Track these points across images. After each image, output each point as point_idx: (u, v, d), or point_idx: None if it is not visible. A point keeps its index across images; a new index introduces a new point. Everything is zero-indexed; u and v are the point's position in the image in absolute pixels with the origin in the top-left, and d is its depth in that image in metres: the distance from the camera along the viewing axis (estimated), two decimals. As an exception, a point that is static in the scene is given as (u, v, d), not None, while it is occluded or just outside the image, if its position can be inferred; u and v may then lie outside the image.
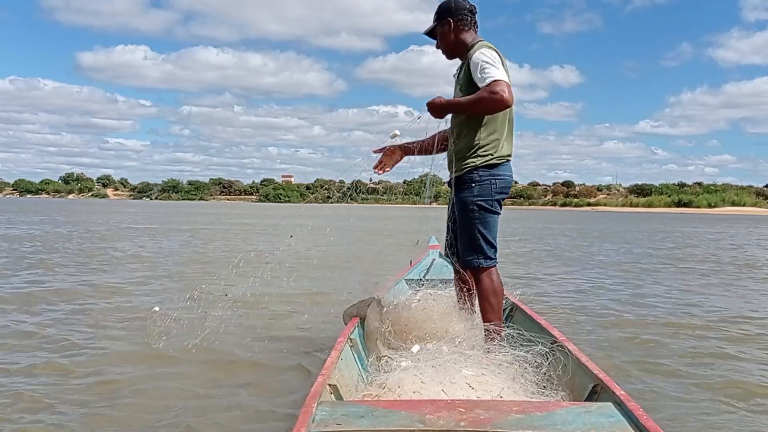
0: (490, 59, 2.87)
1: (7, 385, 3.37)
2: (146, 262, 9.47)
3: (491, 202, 3.04)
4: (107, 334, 4.59)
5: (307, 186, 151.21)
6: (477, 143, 3.01)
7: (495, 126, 3.02)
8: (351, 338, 3.02)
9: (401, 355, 2.78)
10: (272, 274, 4.46)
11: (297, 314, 5.39)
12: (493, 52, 2.92)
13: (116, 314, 5.28)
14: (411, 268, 5.06)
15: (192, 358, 3.89)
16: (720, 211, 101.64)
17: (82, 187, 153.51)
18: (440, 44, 3.19)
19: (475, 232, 3.03)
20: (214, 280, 6.34)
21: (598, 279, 8.63)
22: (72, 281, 7.27)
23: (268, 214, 37.92)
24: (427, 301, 3.25)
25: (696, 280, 8.70)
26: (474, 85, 2.91)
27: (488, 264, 3.04)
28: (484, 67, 2.84)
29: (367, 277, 6.39)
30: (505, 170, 3.07)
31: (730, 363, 4.03)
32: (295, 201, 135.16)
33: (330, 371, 2.46)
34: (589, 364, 2.48)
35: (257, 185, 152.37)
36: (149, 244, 13.28)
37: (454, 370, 2.51)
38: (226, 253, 11.16)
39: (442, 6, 3.15)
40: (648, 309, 6.02)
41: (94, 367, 3.74)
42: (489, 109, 2.86)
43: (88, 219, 26.39)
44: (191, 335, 4.06)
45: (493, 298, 3.01)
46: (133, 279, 7.58)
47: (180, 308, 4.64)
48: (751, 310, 6.12)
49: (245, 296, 5.06)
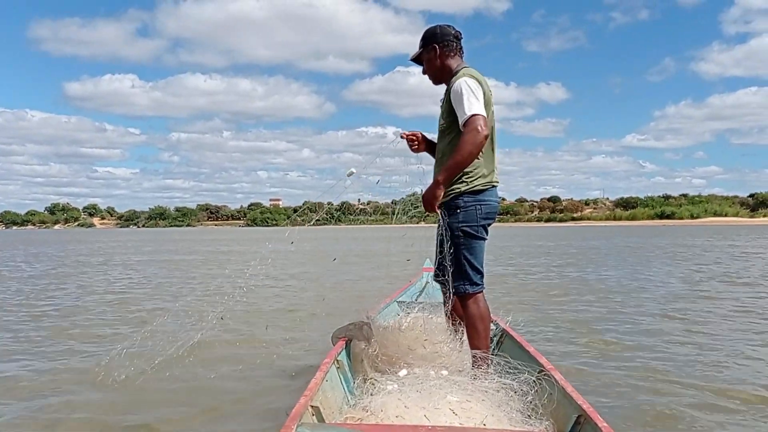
0: (465, 92, 2.89)
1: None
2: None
3: (476, 227, 3.03)
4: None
5: (294, 209, 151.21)
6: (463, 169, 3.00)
7: (482, 152, 3.01)
8: (338, 359, 3.00)
9: (387, 379, 2.76)
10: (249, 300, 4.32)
11: (286, 335, 5.34)
12: (473, 81, 2.94)
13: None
14: (404, 289, 5.04)
15: (165, 383, 3.81)
16: (701, 222, 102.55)
17: (68, 217, 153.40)
18: (426, 70, 3.21)
19: (461, 258, 3.02)
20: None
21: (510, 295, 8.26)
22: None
23: (251, 239, 37.52)
24: (416, 324, 3.23)
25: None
26: (453, 113, 2.95)
27: (474, 290, 3.03)
28: (461, 101, 2.88)
29: (358, 298, 6.30)
30: (491, 196, 3.07)
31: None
32: (282, 224, 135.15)
33: (313, 392, 2.45)
34: (574, 394, 2.46)
35: (244, 210, 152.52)
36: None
37: (439, 395, 2.49)
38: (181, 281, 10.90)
39: (427, 32, 3.17)
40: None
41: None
42: (475, 151, 2.87)
43: (44, 251, 25.03)
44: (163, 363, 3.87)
45: (479, 324, 2.99)
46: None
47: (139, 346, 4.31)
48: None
49: (226, 319, 4.85)
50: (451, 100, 2.96)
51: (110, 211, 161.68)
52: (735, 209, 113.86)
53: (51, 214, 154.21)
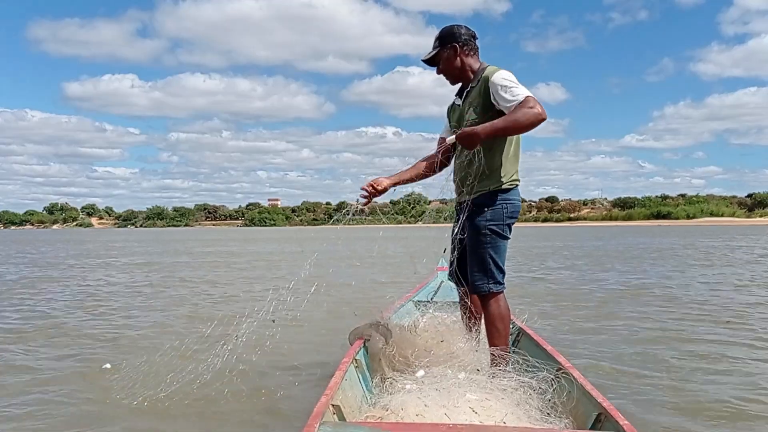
0: (512, 80, 2.92)
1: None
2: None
3: (503, 226, 3.05)
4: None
5: (293, 209, 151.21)
6: (489, 167, 3.02)
7: (509, 150, 3.06)
8: (356, 359, 3.01)
9: (406, 378, 2.78)
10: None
11: (304, 335, 5.37)
12: (511, 74, 2.97)
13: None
14: (419, 288, 5.06)
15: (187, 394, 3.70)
16: (697, 222, 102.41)
17: (66, 217, 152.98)
18: (444, 69, 3.20)
19: (486, 257, 3.03)
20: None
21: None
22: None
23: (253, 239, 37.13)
24: (432, 324, 3.26)
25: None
26: (491, 106, 2.96)
27: (497, 289, 3.04)
28: (510, 87, 2.89)
29: (375, 297, 6.22)
30: (515, 195, 3.10)
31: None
32: (280, 224, 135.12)
33: (334, 391, 2.46)
34: (594, 392, 2.47)
35: (243, 210, 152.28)
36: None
37: (458, 394, 2.50)
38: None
39: (445, 32, 3.17)
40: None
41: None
42: (529, 124, 2.83)
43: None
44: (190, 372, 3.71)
45: (499, 323, 3.01)
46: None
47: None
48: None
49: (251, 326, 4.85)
50: (490, 92, 2.95)
51: (108, 211, 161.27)
52: (732, 209, 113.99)
53: (49, 214, 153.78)
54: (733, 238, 32.35)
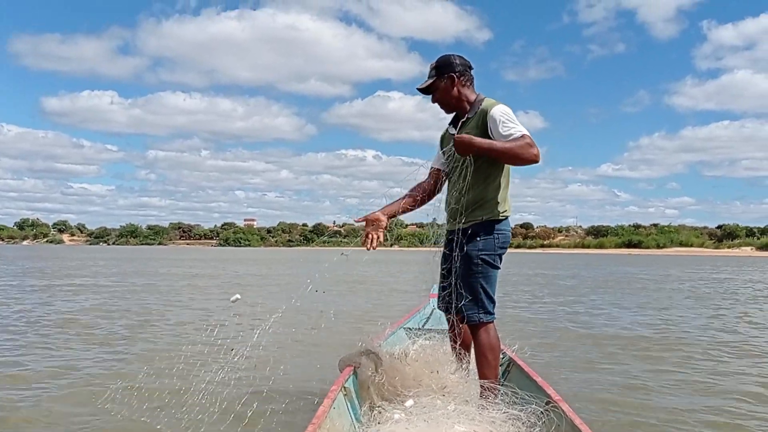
0: (511, 116, 2.98)
1: None
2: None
3: (494, 256, 3.08)
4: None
5: (268, 230, 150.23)
6: (483, 197, 3.07)
7: (503, 181, 3.10)
8: (345, 387, 3.00)
9: (395, 407, 2.76)
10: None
11: (292, 362, 5.26)
12: (509, 109, 3.03)
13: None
14: (410, 315, 5.04)
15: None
16: (666, 251, 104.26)
17: (37, 232, 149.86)
18: (439, 98, 3.22)
19: (477, 287, 3.05)
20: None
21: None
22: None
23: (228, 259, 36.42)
24: (423, 353, 3.25)
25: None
26: (487, 137, 2.98)
27: (487, 319, 3.05)
28: (507, 123, 2.94)
29: (365, 323, 6.08)
30: (507, 226, 3.14)
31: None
32: (255, 245, 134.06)
33: (321, 420, 2.45)
34: (582, 427, 2.48)
35: (218, 229, 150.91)
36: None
37: (446, 425, 2.48)
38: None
39: (442, 61, 3.20)
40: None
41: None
42: (524, 160, 2.90)
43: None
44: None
45: (489, 354, 3.01)
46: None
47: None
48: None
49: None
50: (488, 126, 3.00)
51: (80, 228, 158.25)
52: (701, 240, 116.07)
53: (20, 230, 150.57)
54: (699, 268, 32.97)
